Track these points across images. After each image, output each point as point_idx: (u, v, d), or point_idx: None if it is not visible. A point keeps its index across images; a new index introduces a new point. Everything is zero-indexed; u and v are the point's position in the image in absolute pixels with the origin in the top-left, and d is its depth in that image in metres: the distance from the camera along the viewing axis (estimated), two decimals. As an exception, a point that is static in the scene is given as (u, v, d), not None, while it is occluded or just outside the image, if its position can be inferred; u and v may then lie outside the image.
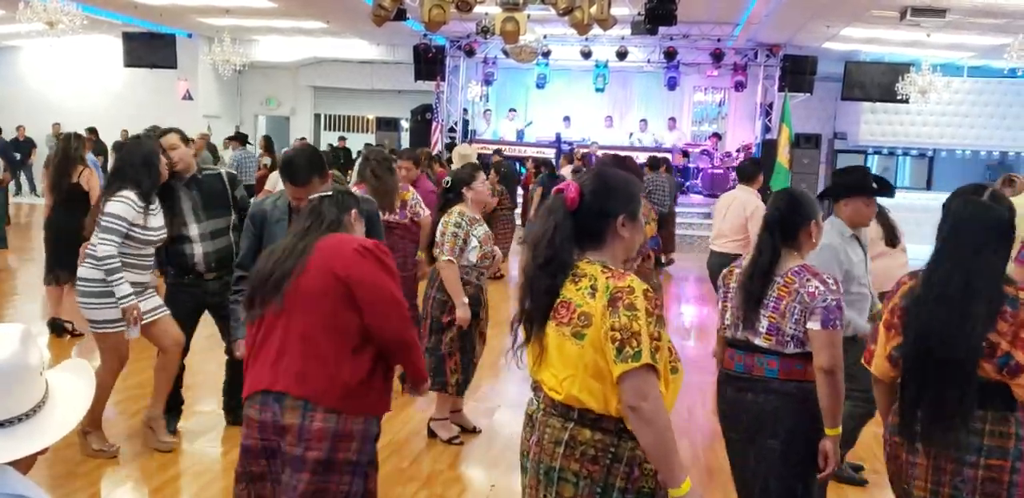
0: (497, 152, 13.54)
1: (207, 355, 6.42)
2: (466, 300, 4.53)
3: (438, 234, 4.63)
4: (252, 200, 7.42)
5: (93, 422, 4.24)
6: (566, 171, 12.77)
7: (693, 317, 9.07)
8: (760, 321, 2.88)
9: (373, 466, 2.74)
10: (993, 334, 2.35)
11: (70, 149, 6.52)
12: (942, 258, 2.49)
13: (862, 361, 2.74)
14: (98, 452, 4.21)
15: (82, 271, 4.12)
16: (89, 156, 9.21)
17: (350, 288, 2.57)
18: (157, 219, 4.14)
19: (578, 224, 2.17)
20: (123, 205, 3.98)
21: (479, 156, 11.41)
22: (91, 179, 6.47)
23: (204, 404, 5.25)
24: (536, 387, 2.26)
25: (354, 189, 5.96)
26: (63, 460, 4.13)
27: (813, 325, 2.79)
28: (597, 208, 2.17)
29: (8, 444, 1.46)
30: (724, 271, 3.18)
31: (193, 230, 4.39)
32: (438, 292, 4.63)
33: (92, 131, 14.56)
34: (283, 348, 2.60)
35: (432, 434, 4.83)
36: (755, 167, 7.06)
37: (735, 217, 6.49)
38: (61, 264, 6.38)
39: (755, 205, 6.40)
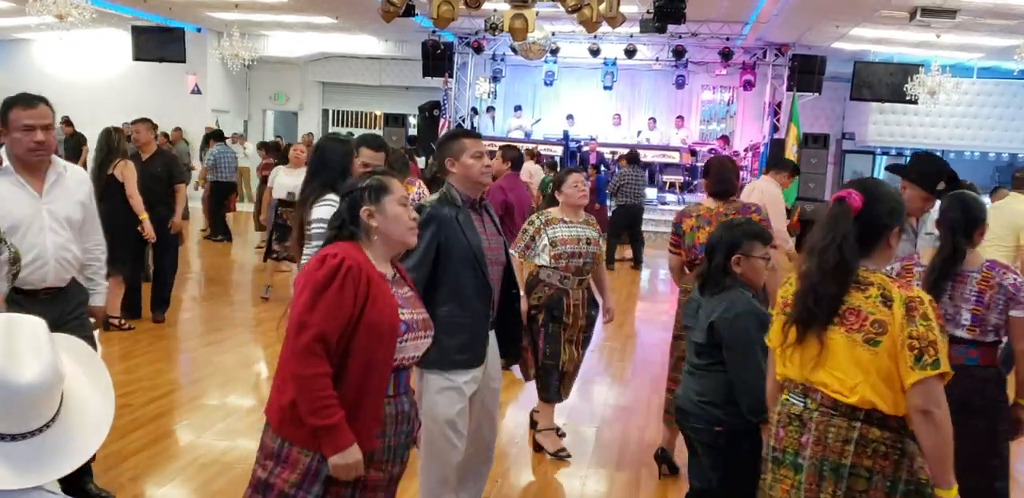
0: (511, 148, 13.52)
1: (215, 348, 6.46)
2: (522, 292, 4.33)
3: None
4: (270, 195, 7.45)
5: None
6: (531, 166, 12.86)
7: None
8: (962, 314, 3.15)
9: None
10: None
11: (112, 142, 6.54)
12: None
13: None
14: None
15: None
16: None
17: None
18: None
19: (857, 232, 2.30)
20: (330, 208, 3.67)
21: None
22: (125, 170, 6.46)
23: (210, 397, 5.27)
24: (805, 387, 2.36)
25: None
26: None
27: (1017, 313, 3.09)
28: (878, 218, 2.31)
29: (28, 465, 1.43)
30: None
31: None
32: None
33: (68, 122, 14.61)
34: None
35: (538, 448, 4.66)
36: (789, 162, 6.85)
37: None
38: (112, 259, 6.43)
39: (773, 193, 6.07)
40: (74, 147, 14.09)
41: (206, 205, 12.69)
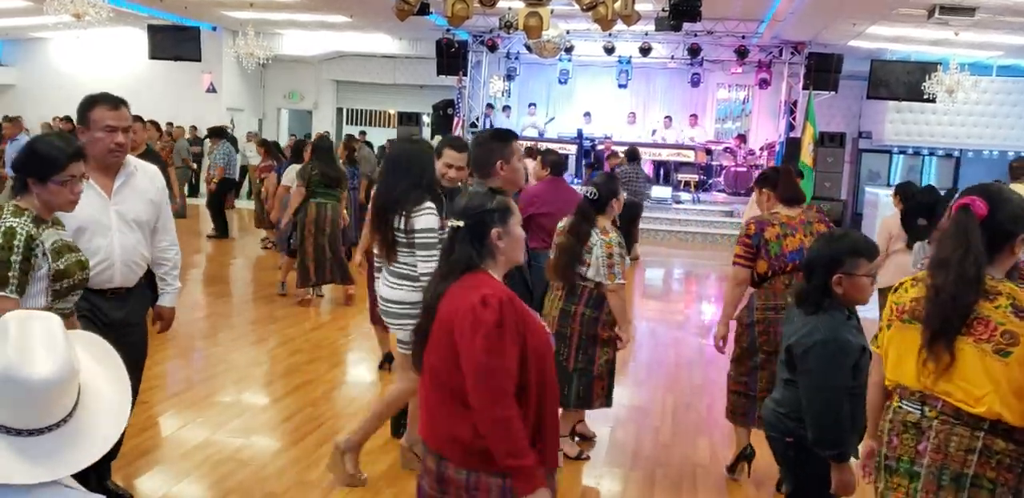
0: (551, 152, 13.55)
1: (230, 346, 6.48)
2: (628, 321, 4.31)
3: (601, 254, 4.25)
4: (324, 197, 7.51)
5: (355, 444, 4.02)
6: (528, 164, 12.86)
7: (713, 315, 9.02)
8: None
9: None
10: None
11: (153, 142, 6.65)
12: None
13: None
14: (346, 477, 4.00)
15: (397, 293, 3.83)
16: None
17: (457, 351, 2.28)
18: None
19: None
20: (432, 217, 3.72)
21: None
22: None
23: (224, 395, 5.28)
24: (923, 396, 2.34)
25: None
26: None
27: None
28: (1002, 225, 2.28)
29: (45, 460, 1.44)
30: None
31: None
32: (587, 308, 4.35)
33: (68, 120, 14.65)
34: (423, 398, 2.44)
35: None
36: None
37: None
38: None
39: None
40: None
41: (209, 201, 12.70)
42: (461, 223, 2.36)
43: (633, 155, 12.43)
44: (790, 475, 3.06)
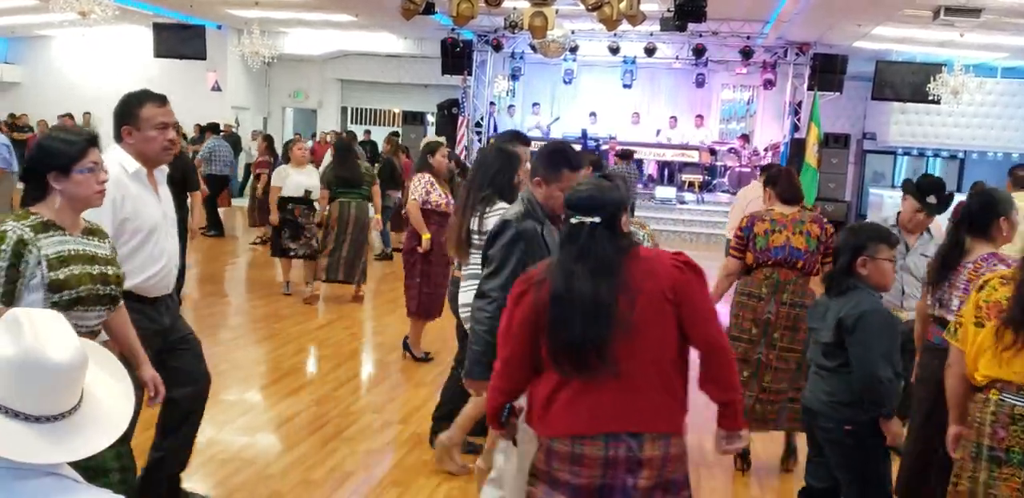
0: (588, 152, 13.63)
1: (232, 344, 6.49)
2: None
3: None
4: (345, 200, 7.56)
5: (457, 439, 4.08)
6: None
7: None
8: (953, 301, 3.34)
9: None
10: None
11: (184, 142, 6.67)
12: None
13: None
14: (459, 469, 4.11)
15: (466, 296, 3.80)
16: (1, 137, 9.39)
17: (680, 307, 2.34)
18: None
19: None
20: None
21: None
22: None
23: (230, 393, 5.28)
24: None
25: (419, 177, 6.15)
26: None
27: None
28: None
29: (53, 447, 1.48)
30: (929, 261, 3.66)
31: None
32: None
33: (69, 116, 14.64)
34: (626, 386, 2.32)
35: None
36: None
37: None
38: None
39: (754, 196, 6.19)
40: None
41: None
42: (597, 219, 2.34)
43: (627, 154, 12.80)
44: (850, 462, 3.10)
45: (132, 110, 3.12)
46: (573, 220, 2.35)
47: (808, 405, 3.21)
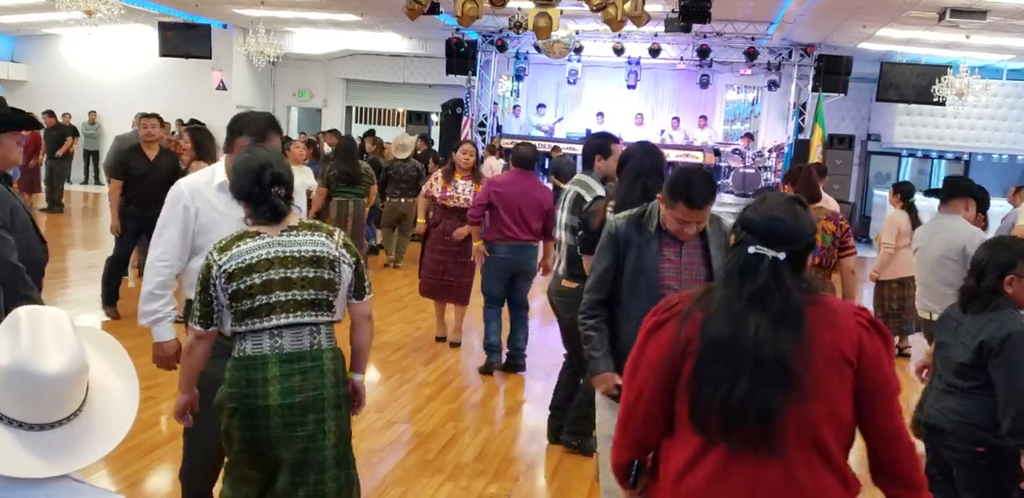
0: (555, 148, 13.60)
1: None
2: None
3: None
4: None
5: None
6: (492, 161, 12.92)
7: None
8: None
9: None
10: None
11: (203, 141, 6.77)
12: None
13: None
14: None
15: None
16: None
17: (862, 377, 1.90)
18: None
19: None
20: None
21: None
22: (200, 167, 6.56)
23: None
24: None
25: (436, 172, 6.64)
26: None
27: None
28: None
29: (42, 461, 1.44)
30: None
31: None
32: None
33: (50, 114, 14.63)
34: (790, 461, 1.88)
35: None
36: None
37: None
38: None
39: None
40: (57, 138, 14.11)
41: None
42: (782, 255, 1.87)
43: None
44: (976, 483, 3.03)
45: (236, 135, 3.10)
46: (751, 249, 1.88)
47: (935, 424, 3.11)
